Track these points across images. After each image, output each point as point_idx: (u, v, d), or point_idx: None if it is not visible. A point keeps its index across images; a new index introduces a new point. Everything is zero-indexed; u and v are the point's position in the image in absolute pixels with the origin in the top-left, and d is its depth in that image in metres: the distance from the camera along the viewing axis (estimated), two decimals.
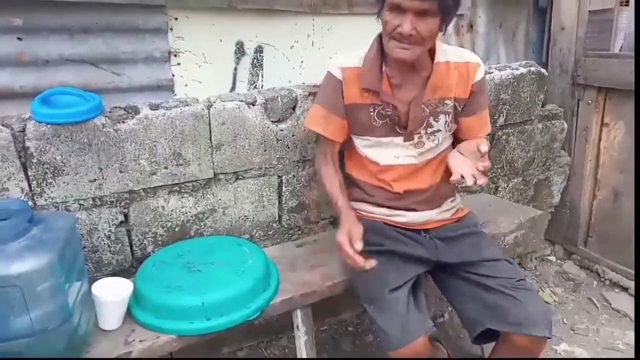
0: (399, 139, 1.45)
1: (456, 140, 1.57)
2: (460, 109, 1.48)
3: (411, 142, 1.45)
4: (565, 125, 2.37)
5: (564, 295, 2.30)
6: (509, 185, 2.32)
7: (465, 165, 1.34)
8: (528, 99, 2.18)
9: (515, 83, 2.12)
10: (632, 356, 1.90)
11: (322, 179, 1.53)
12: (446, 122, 1.47)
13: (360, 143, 1.49)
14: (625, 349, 1.95)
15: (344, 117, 1.45)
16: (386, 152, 1.47)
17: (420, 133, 1.45)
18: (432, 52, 1.40)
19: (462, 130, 1.54)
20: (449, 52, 1.44)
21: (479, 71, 1.47)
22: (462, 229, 1.54)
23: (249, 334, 1.91)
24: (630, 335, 2.01)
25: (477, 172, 1.28)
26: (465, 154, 1.39)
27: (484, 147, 1.28)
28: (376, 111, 1.43)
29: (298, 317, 1.46)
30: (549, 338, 1.31)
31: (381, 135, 1.45)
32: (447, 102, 1.45)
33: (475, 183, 1.28)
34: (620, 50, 2.32)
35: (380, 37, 1.42)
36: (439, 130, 1.47)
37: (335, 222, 1.91)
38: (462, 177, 1.30)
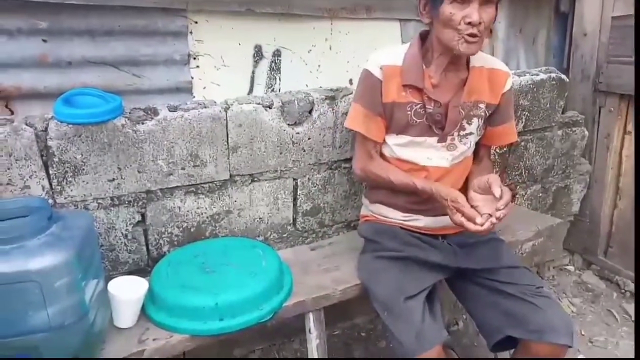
0: (432, 140, 1.45)
1: (477, 146, 1.56)
2: (488, 114, 1.48)
3: (444, 143, 1.45)
4: (586, 132, 2.33)
5: (582, 306, 2.26)
6: (528, 193, 2.28)
7: (488, 206, 1.29)
8: (548, 105, 2.15)
9: (535, 89, 2.09)
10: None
11: (379, 175, 1.47)
12: (478, 125, 1.47)
13: (393, 141, 1.48)
14: None
15: (383, 116, 1.44)
16: (419, 153, 1.47)
17: (453, 135, 1.45)
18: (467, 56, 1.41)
19: (491, 138, 1.55)
20: (481, 57, 1.46)
21: (509, 81, 1.49)
22: (480, 235, 1.52)
23: (262, 336, 1.91)
24: None
25: (494, 212, 1.25)
26: (484, 192, 1.33)
27: (497, 191, 1.25)
28: (413, 110, 1.42)
29: (310, 321, 1.46)
30: (570, 347, 1.29)
31: (416, 135, 1.44)
32: (480, 105, 1.45)
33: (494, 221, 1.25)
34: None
35: (421, 36, 1.44)
36: (471, 134, 1.47)
37: (349, 225, 1.91)
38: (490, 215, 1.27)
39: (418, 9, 1.37)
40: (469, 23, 1.25)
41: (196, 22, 1.63)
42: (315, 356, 1.48)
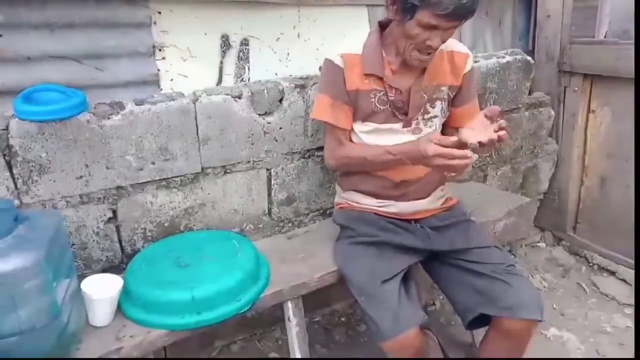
0: (397, 125, 1.46)
1: (445, 129, 1.58)
2: (452, 96, 1.51)
3: (409, 128, 1.47)
4: (552, 112, 2.39)
5: (553, 281, 2.33)
6: (498, 174, 2.34)
7: (479, 135, 1.23)
8: (515, 87, 2.19)
9: (501, 71, 2.12)
10: (621, 339, 1.94)
11: (352, 157, 1.48)
12: (442, 108, 1.50)
13: (359, 129, 1.49)
14: (612, 331, 1.99)
15: (349, 103, 1.46)
16: (385, 139, 1.48)
17: (417, 119, 1.47)
18: None
19: (455, 119, 1.56)
20: None
21: (469, 61, 1.50)
22: (451, 217, 1.56)
23: (242, 327, 1.91)
24: (617, 319, 2.04)
25: (493, 135, 1.20)
26: (476, 128, 1.27)
27: (496, 107, 1.23)
28: (377, 97, 1.44)
29: (289, 309, 1.47)
30: (540, 321, 1.33)
31: (381, 122, 1.46)
32: (442, 88, 1.48)
33: (497, 140, 1.20)
34: (604, 36, 2.33)
35: (380, 26, 1.45)
36: (435, 116, 1.49)
37: (325, 213, 1.92)
38: (480, 143, 1.21)
39: (387, 2, 1.34)
40: (429, 46, 1.29)
41: (160, 13, 1.59)
42: (296, 343, 1.49)
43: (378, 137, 1.48)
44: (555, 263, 2.47)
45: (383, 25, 1.45)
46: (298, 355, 1.49)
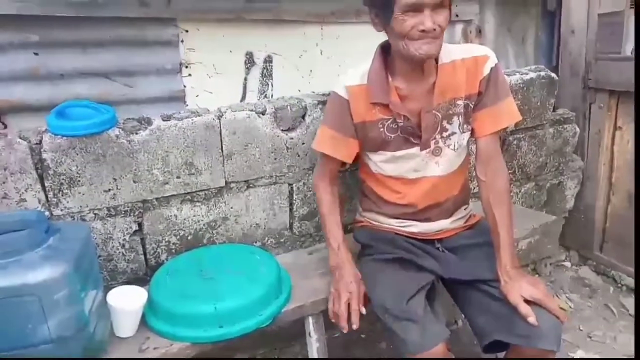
0: (414, 150, 1.41)
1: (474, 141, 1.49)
2: (472, 106, 1.41)
3: (428, 149, 1.41)
4: (577, 129, 2.35)
5: (580, 302, 2.27)
6: (522, 191, 2.30)
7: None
8: (539, 104, 2.17)
9: (525, 88, 2.11)
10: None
11: (321, 206, 1.53)
12: (459, 123, 1.42)
13: (376, 159, 1.46)
14: None
15: (355, 136, 1.43)
16: (405, 167, 1.44)
17: (435, 138, 1.41)
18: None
19: (477, 125, 1.42)
20: (453, 51, 1.39)
21: (488, 63, 1.38)
22: (475, 237, 1.50)
23: (263, 341, 1.91)
24: None
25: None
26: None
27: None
28: (385, 126, 1.40)
29: (310, 324, 1.46)
30: (556, 352, 1.29)
31: (395, 149, 1.42)
32: (458, 102, 1.39)
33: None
34: (631, 52, 2.29)
35: (382, 49, 1.39)
36: (453, 133, 1.42)
37: (346, 228, 1.90)
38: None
39: (370, 18, 1.33)
40: (423, 31, 1.21)
41: (187, 31, 1.64)
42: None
43: (396, 165, 1.45)
44: (582, 283, 2.40)
45: (385, 48, 1.38)
46: None
